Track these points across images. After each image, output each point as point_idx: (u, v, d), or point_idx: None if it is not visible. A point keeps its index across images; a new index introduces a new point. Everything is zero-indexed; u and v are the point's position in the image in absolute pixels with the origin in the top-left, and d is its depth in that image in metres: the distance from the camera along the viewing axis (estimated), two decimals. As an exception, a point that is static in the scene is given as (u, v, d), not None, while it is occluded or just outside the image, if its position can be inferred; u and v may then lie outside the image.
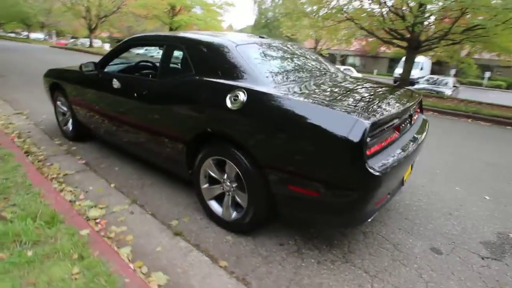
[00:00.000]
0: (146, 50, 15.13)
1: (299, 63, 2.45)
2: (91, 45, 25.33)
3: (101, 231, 2.00)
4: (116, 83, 2.71)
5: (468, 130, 6.42)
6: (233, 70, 2.00)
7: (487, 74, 22.48)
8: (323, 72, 2.49)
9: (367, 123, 1.47)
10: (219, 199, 2.17)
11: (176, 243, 1.97)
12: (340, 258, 1.94)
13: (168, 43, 2.39)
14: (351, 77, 2.69)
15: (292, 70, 2.27)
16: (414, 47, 10.73)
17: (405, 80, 11.35)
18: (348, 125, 1.48)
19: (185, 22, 18.90)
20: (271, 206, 1.90)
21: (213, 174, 2.12)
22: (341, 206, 1.61)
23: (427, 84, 14.17)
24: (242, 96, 1.81)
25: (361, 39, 14.80)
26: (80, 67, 2.88)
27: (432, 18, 10.13)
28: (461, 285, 1.78)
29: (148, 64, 3.39)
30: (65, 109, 3.68)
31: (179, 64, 2.36)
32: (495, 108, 8.63)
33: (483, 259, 2.02)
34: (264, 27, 44.47)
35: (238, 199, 2.01)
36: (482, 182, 3.40)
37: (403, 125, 1.98)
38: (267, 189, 1.84)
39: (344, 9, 11.10)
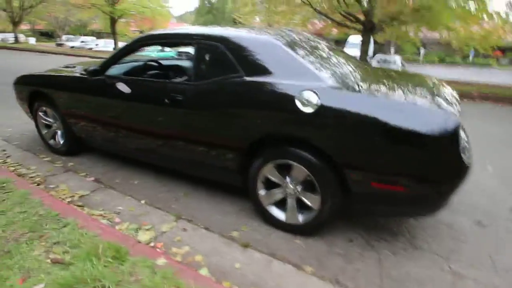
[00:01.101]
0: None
1: (338, 56, 2.42)
2: (16, 41, 22.05)
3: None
4: (131, 89, 2.41)
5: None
6: (289, 69, 1.90)
7: (422, 51, 24.74)
8: (362, 65, 2.51)
9: (458, 117, 1.52)
10: (279, 203, 2.10)
11: (251, 256, 1.88)
12: (408, 245, 2.03)
13: (200, 41, 2.17)
14: (371, 66, 2.74)
15: (340, 64, 2.24)
16: (369, 29, 11.33)
17: (364, 60, 11.99)
18: (442, 120, 1.52)
19: (128, 10, 17.42)
20: (344, 204, 1.91)
21: (273, 179, 2.04)
22: (429, 197, 1.68)
23: (378, 63, 15.12)
24: (315, 98, 1.74)
25: (314, 23, 15.14)
26: (87, 71, 2.49)
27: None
28: (517, 251, 2.00)
29: (155, 64, 3.06)
30: (51, 120, 3.20)
31: (213, 64, 2.15)
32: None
33: (520, 224, 2.28)
34: (208, 12, 43.12)
35: (306, 202, 1.97)
36: (477, 154, 3.78)
37: None
38: (341, 188, 1.84)
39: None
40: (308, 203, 1.96)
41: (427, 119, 1.55)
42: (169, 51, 16.56)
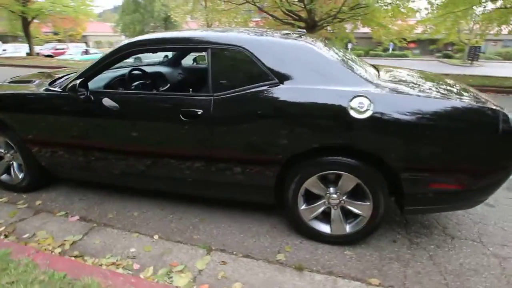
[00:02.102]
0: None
1: (353, 57, 2.35)
2: None
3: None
4: (130, 105, 2.02)
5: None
6: (330, 74, 1.78)
7: (350, 46, 26.86)
8: (372, 66, 2.48)
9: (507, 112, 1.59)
10: (322, 216, 1.97)
11: (312, 279, 1.71)
12: (445, 236, 2.09)
13: (217, 47, 1.89)
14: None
15: (366, 66, 2.17)
16: (311, 26, 11.81)
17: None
18: (499, 117, 1.57)
19: (46, 9, 15.21)
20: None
21: (315, 191, 1.90)
22: (482, 191, 1.72)
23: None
24: (367, 103, 1.64)
25: (256, 21, 15.23)
26: (68, 87, 1.98)
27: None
28: (530, 226, 2.21)
29: (139, 73, 2.60)
30: (1, 151, 2.53)
31: (237, 72, 1.88)
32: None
33: (520, 201, 2.54)
34: (135, 11, 40.34)
35: (355, 210, 1.87)
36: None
37: None
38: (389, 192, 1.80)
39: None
40: (357, 211, 1.87)
41: (485, 116, 1.58)
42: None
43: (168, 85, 2.89)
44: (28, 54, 18.11)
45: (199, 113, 1.86)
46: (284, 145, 1.79)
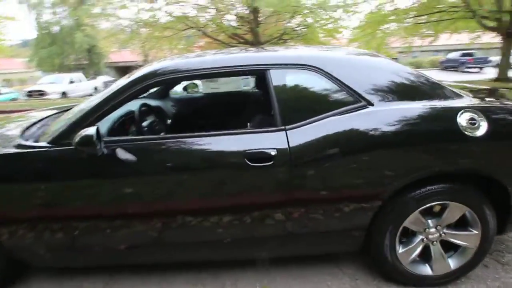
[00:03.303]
0: None
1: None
2: None
3: None
4: (168, 152, 1.49)
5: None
6: (418, 88, 1.57)
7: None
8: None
9: None
10: (420, 256, 1.67)
11: None
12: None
13: (279, 68, 1.50)
14: None
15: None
16: (257, 48, 12.05)
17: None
18: None
19: None
20: None
21: (414, 228, 1.60)
22: None
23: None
24: (479, 117, 1.44)
25: (199, 46, 14.95)
26: (76, 142, 1.34)
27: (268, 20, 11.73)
28: None
29: (145, 108, 2.00)
30: None
31: (312, 98, 1.52)
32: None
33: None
34: (51, 44, 36.69)
35: (457, 242, 1.62)
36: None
37: None
38: None
39: (187, 17, 10.89)
40: (462, 242, 1.62)
41: None
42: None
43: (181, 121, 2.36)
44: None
45: (272, 154, 1.42)
46: (384, 179, 1.47)
